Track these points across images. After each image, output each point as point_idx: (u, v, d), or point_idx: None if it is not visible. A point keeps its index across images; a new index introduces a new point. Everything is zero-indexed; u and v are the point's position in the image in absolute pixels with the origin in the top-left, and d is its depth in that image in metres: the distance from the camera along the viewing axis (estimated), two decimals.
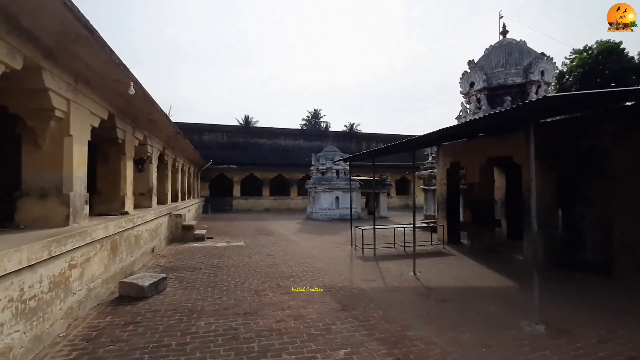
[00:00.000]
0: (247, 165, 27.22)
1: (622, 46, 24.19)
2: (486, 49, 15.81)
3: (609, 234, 6.53)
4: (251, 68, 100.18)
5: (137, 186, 9.24)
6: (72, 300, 4.13)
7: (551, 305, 4.82)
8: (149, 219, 7.94)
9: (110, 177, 7.07)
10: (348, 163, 21.57)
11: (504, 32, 15.64)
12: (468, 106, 15.14)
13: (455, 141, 10.81)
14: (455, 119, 16.12)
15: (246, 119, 48.44)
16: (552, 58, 13.75)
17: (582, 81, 24.46)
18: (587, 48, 25.26)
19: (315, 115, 53.85)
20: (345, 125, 50.46)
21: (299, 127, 47.83)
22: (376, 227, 9.65)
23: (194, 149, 15.26)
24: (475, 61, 15.17)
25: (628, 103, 6.35)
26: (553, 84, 13.98)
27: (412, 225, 11.34)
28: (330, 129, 44.53)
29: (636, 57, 23.96)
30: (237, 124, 43.64)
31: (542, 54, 13.68)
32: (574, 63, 25.15)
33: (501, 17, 15.62)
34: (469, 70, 15.13)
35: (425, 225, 10.81)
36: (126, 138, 7.22)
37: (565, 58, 27.02)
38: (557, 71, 14.05)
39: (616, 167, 6.47)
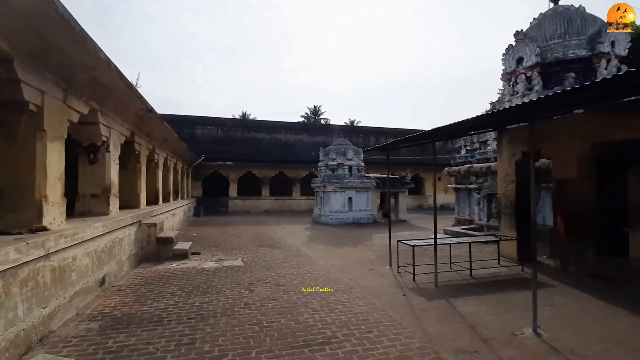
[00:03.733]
0: (245, 162, 24.34)
1: None
2: (534, 18, 13.02)
3: None
4: (248, 67, 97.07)
5: (84, 184, 6.39)
6: None
7: None
8: (91, 236, 5.05)
9: (17, 168, 4.21)
10: (362, 158, 18.81)
11: None
12: (514, 88, 12.36)
13: (526, 124, 8.04)
14: (491, 104, 13.46)
15: (243, 115, 45.64)
16: None
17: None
18: None
19: (315, 111, 50.94)
20: (345, 122, 47.64)
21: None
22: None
23: (179, 139, 12.37)
24: (524, 31, 12.42)
25: None
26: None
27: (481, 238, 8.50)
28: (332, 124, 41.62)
29: None
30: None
31: None
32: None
33: None
34: (514, 44, 12.39)
35: (493, 237, 8.03)
36: (46, 104, 4.34)
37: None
38: (630, 43, 11.23)
39: None
